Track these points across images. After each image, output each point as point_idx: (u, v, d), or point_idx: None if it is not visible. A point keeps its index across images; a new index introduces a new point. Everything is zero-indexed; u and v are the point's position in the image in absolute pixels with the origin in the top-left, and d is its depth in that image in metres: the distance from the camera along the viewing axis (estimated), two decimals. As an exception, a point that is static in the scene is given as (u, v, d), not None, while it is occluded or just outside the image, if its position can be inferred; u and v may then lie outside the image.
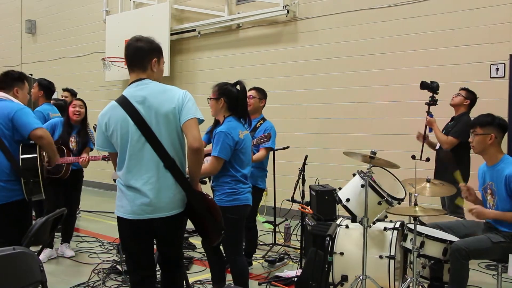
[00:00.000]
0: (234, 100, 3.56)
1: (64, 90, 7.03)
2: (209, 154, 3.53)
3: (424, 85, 5.05)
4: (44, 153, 3.98)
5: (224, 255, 3.69)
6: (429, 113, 5.06)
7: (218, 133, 3.46)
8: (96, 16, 10.51)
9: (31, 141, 3.77)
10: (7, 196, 3.65)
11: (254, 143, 4.30)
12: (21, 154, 3.69)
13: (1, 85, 3.90)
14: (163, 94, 2.75)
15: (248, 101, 4.21)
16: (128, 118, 2.71)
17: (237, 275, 3.60)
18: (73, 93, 6.96)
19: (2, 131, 3.65)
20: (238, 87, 3.60)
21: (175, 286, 3.01)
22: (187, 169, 2.85)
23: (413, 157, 4.15)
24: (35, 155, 3.74)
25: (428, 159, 4.94)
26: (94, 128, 6.06)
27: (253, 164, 4.02)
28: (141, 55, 2.80)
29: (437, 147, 5.18)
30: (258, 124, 4.85)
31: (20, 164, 3.67)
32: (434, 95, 5.02)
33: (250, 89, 4.83)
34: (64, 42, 11.32)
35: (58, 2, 11.53)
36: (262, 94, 4.96)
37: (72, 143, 5.06)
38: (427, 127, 5.11)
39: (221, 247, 3.67)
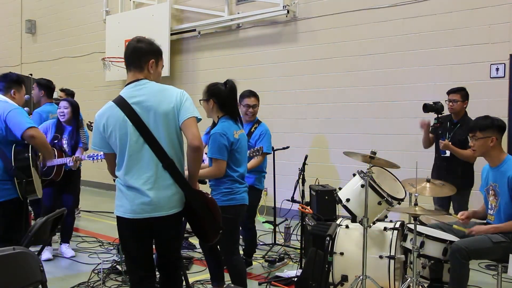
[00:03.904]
0: (223, 99, 3.54)
1: (61, 90, 7.02)
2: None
3: (428, 108, 4.78)
4: (40, 154, 3.98)
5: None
6: (441, 137, 4.81)
7: (213, 135, 3.46)
8: (96, 16, 10.50)
9: (25, 142, 3.76)
10: (1, 195, 3.65)
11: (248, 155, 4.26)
12: (14, 154, 3.68)
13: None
14: (161, 93, 2.75)
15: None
16: (127, 119, 2.71)
17: (235, 274, 3.61)
18: (69, 93, 6.93)
19: None
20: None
21: (174, 287, 3.00)
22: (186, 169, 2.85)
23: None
24: (28, 155, 3.72)
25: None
26: (88, 126, 6.04)
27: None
28: (138, 55, 2.80)
29: (447, 154, 4.92)
30: (253, 129, 4.74)
31: (13, 164, 3.66)
32: (439, 115, 4.78)
33: None
34: (64, 42, 11.32)
35: (58, 2, 11.53)
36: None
37: (64, 144, 5.05)
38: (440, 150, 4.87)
39: (218, 247, 3.67)
